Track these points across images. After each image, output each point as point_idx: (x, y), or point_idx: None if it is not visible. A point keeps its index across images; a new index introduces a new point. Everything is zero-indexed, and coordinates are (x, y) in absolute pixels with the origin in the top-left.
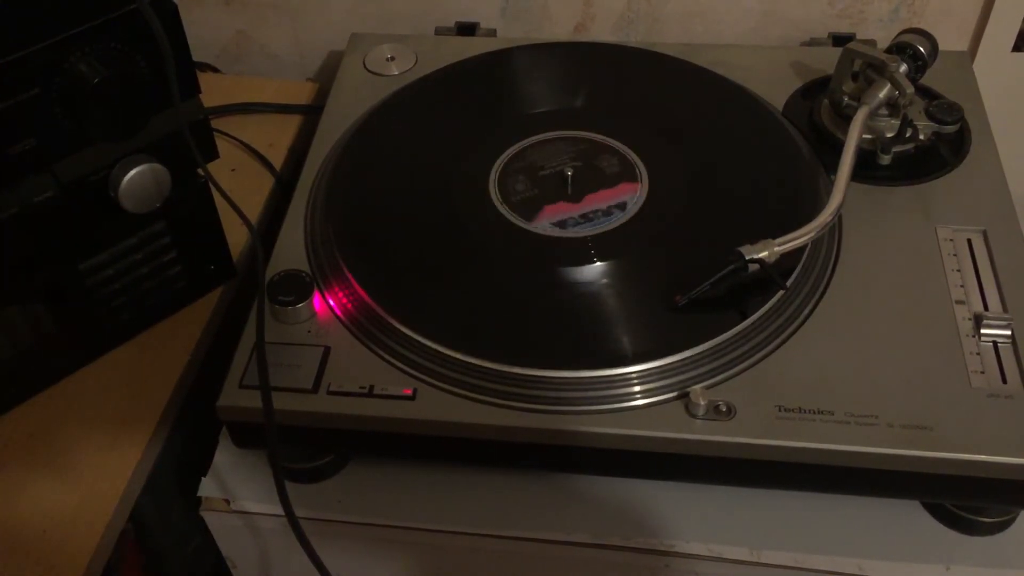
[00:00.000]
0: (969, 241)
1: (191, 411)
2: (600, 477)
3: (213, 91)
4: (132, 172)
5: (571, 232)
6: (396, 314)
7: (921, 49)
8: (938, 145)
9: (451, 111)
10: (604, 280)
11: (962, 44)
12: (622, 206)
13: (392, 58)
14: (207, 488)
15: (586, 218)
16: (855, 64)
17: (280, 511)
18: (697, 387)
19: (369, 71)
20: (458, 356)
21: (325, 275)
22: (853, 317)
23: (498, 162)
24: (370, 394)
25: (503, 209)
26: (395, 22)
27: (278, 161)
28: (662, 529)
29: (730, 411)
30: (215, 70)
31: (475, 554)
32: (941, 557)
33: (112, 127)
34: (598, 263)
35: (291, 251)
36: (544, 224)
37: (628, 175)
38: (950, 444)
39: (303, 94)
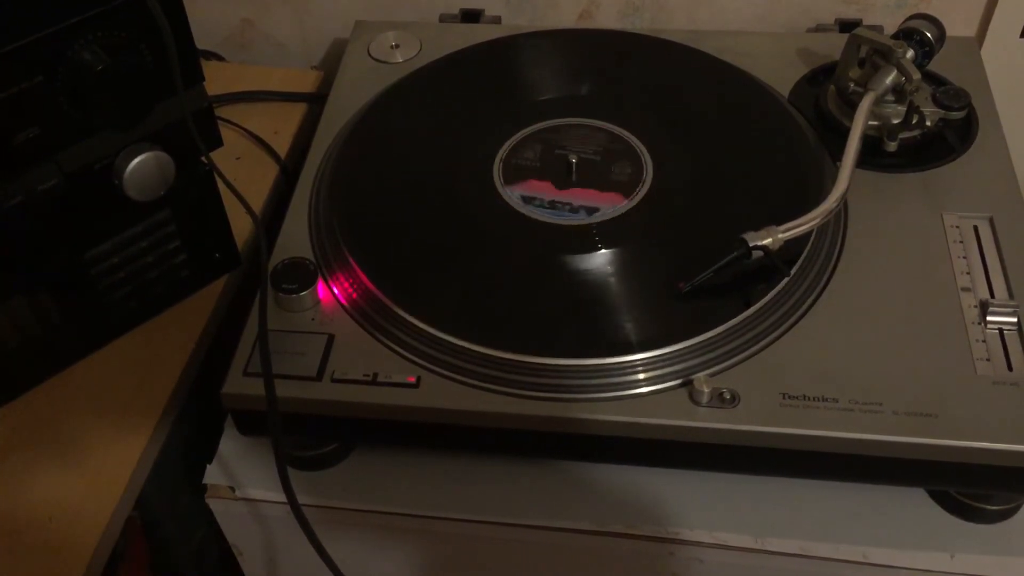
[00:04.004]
0: (975, 228)
1: (197, 399)
2: (604, 465)
3: (218, 79)
4: (136, 160)
5: (528, 211)
6: (400, 302)
7: (928, 35)
8: (945, 132)
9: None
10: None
11: (969, 30)
12: (592, 210)
13: (396, 45)
14: (212, 476)
15: (552, 206)
16: (861, 50)
17: (285, 499)
18: (701, 375)
19: (373, 59)
20: (462, 344)
21: (329, 263)
22: (858, 304)
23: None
24: (374, 382)
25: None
26: (399, 9)
27: (283, 149)
28: (666, 517)
29: (734, 398)
30: (220, 58)
31: (479, 542)
32: (946, 545)
33: (116, 115)
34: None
35: (295, 239)
36: (514, 194)
37: (627, 185)
38: (955, 431)
39: (308, 82)
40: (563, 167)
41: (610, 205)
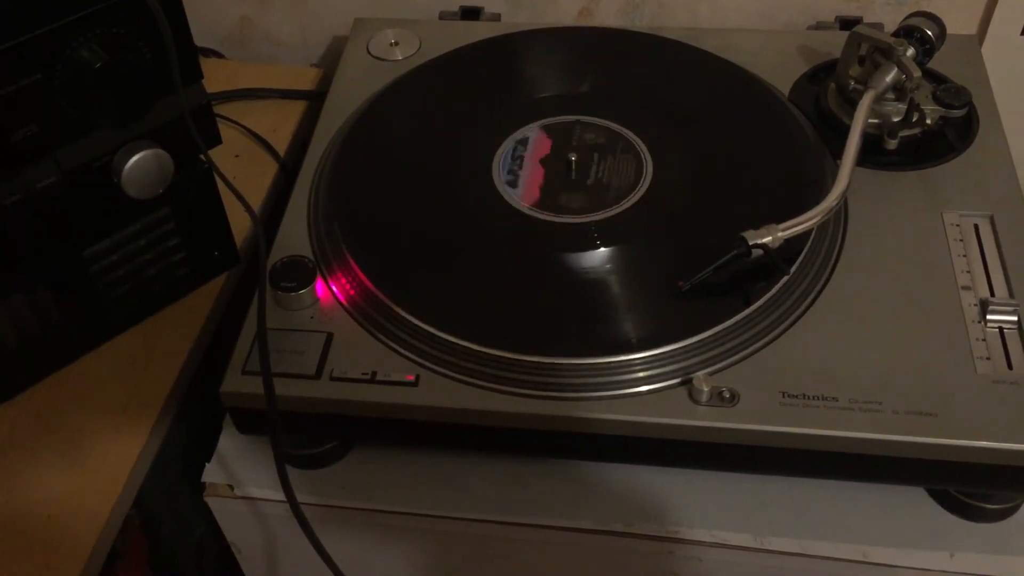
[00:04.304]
0: (976, 226)
1: (197, 397)
2: (603, 463)
3: (217, 77)
4: (135, 158)
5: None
6: (399, 300)
7: (929, 32)
8: (945, 130)
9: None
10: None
11: (970, 28)
12: (512, 184)
13: (396, 43)
14: (211, 474)
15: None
16: (862, 48)
17: (284, 497)
18: (700, 373)
19: (373, 56)
20: (461, 342)
21: (328, 261)
22: (858, 303)
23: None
24: (373, 380)
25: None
26: (399, 7)
27: (282, 147)
28: (665, 515)
29: (733, 397)
30: (219, 56)
31: (477, 540)
32: (945, 544)
33: (114, 113)
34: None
35: (294, 237)
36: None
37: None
38: (955, 430)
39: (307, 80)
40: (563, 164)
41: (523, 203)
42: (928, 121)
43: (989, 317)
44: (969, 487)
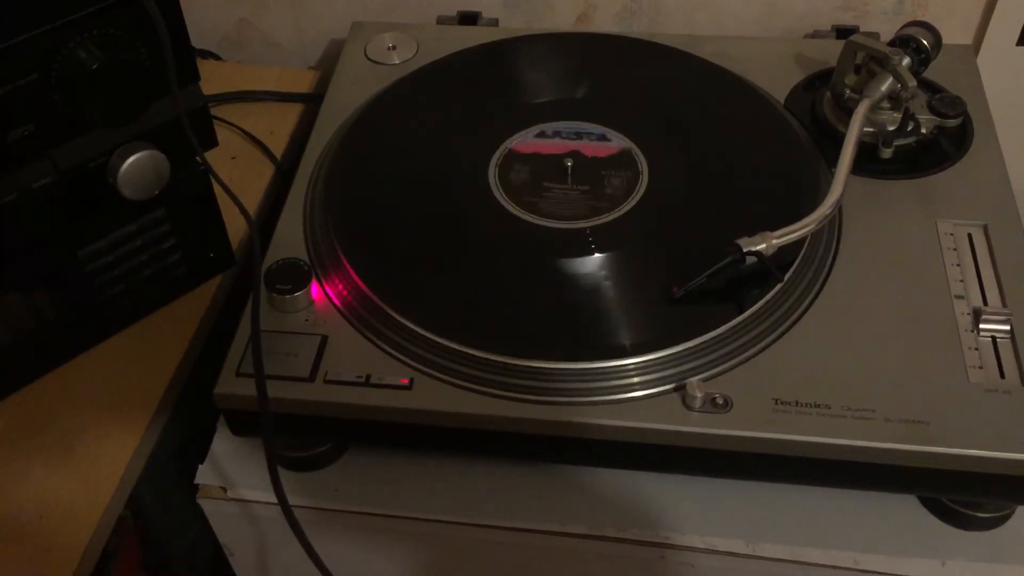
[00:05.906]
0: (969, 235)
1: (191, 398)
2: (596, 468)
3: (214, 79)
4: (131, 159)
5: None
6: (394, 304)
7: (924, 42)
8: (940, 139)
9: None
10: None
11: (966, 38)
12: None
13: (393, 47)
14: (204, 475)
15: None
16: (858, 57)
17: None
18: (694, 379)
19: (370, 60)
20: (455, 346)
21: (323, 264)
22: (851, 310)
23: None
24: (367, 383)
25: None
26: (397, 11)
27: (279, 149)
28: (658, 521)
29: (727, 403)
30: (217, 58)
31: (470, 544)
32: (937, 552)
33: (110, 114)
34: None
35: (290, 239)
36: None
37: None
38: (947, 439)
39: (304, 82)
40: (559, 170)
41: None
42: (923, 130)
43: (982, 326)
44: (961, 495)
